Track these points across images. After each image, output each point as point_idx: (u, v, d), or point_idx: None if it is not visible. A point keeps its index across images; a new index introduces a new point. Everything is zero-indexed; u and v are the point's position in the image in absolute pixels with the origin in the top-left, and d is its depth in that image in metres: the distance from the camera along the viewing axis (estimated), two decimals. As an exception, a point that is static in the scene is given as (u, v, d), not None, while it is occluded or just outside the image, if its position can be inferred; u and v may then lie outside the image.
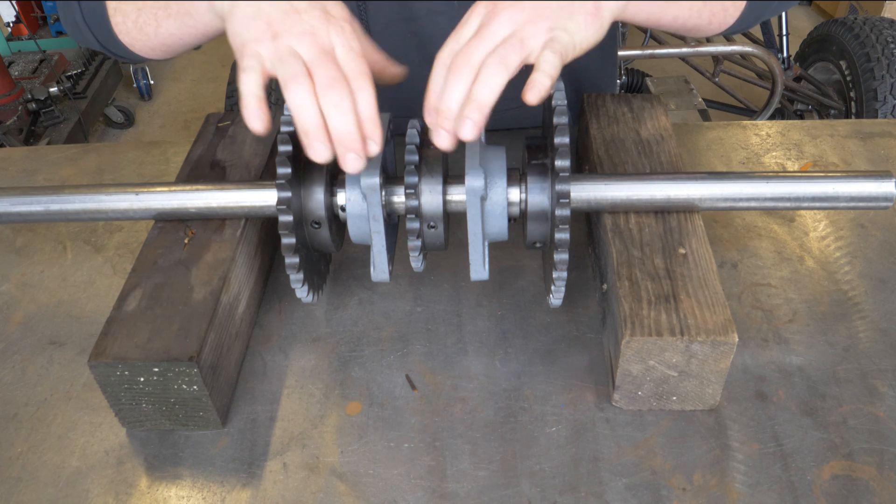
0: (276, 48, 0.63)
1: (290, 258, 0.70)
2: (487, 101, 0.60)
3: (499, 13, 0.62)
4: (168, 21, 0.76)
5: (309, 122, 0.61)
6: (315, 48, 0.62)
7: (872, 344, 0.77)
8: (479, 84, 0.60)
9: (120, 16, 0.79)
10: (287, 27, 0.63)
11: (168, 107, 3.62)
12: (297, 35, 0.63)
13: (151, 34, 0.78)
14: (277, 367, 0.78)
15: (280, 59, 0.63)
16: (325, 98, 0.61)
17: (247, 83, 0.63)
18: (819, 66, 2.68)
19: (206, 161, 0.90)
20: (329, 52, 0.63)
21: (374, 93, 0.63)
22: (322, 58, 0.62)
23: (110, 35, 0.81)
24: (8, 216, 0.79)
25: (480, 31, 0.62)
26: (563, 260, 0.68)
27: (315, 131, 0.61)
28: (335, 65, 0.62)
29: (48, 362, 0.80)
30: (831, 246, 0.89)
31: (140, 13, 0.77)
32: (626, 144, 0.87)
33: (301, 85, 0.61)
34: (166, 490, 0.68)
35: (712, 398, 0.71)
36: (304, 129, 0.62)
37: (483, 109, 0.61)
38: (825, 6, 3.95)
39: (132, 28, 0.79)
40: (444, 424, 0.72)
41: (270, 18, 0.64)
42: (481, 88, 0.60)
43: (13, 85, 3.01)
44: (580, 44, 0.64)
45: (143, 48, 0.81)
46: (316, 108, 0.61)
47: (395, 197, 0.72)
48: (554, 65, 0.61)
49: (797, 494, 0.65)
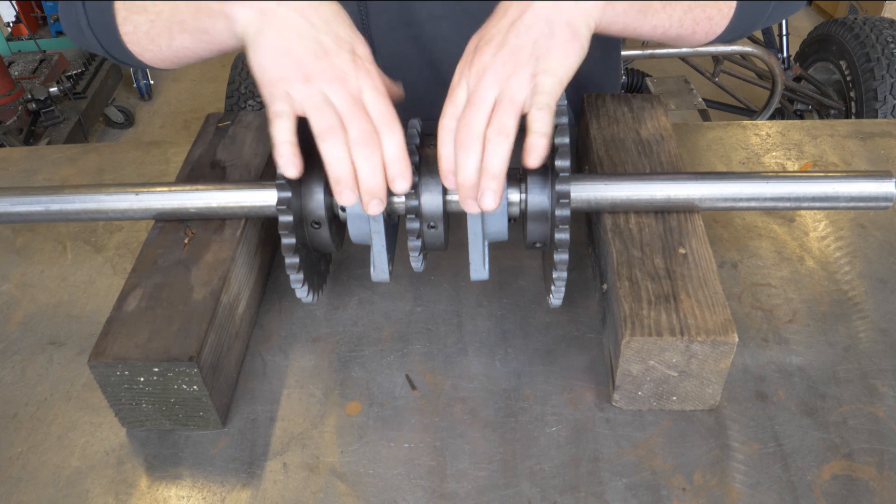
0: (308, 93, 0.64)
1: (290, 258, 0.70)
2: (500, 170, 0.63)
3: (483, 76, 0.64)
4: (183, 35, 0.74)
5: (342, 172, 0.64)
6: (347, 97, 0.64)
7: (872, 344, 0.77)
8: (489, 157, 0.63)
9: (131, 25, 0.77)
10: (319, 71, 0.64)
11: (168, 107, 3.62)
12: (329, 81, 0.64)
13: (164, 46, 0.77)
14: (277, 367, 0.78)
15: (314, 106, 0.64)
16: (358, 152, 0.64)
17: (280, 130, 0.64)
18: (819, 66, 2.68)
19: (206, 161, 0.90)
20: (359, 100, 0.65)
21: (402, 134, 0.65)
22: (354, 108, 0.64)
23: (117, 42, 0.79)
24: (8, 216, 0.79)
25: (472, 99, 0.64)
26: (563, 260, 0.68)
27: (347, 180, 0.64)
28: (366, 116, 0.65)
29: (48, 362, 0.80)
30: (831, 246, 0.89)
31: (153, 25, 0.76)
32: (626, 144, 0.87)
33: (337, 138, 0.64)
34: (166, 490, 0.68)
35: (712, 398, 0.71)
36: (335, 178, 0.64)
37: (498, 178, 0.63)
38: (825, 6, 3.95)
39: (143, 38, 0.77)
40: (444, 424, 0.72)
41: (300, 59, 0.64)
42: (492, 160, 0.63)
43: (13, 85, 3.01)
44: (564, 75, 0.65)
45: (152, 58, 0.79)
46: (349, 161, 0.64)
47: (395, 197, 0.72)
48: (545, 121, 0.63)
49: (797, 494, 0.65)
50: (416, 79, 1.04)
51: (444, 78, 1.06)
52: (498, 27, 0.66)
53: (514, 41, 0.64)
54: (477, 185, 0.64)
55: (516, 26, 0.65)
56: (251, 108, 2.35)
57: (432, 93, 1.07)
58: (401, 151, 0.65)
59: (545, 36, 0.64)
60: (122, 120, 3.42)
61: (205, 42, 0.74)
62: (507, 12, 0.66)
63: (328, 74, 0.64)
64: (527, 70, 0.64)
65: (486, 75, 0.64)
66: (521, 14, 0.65)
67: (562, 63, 0.65)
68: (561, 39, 0.65)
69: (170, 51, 0.77)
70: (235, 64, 2.44)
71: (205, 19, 0.71)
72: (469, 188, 0.64)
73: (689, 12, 0.73)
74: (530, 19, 0.65)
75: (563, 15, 0.65)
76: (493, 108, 0.64)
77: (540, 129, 0.63)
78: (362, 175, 0.64)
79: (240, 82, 2.38)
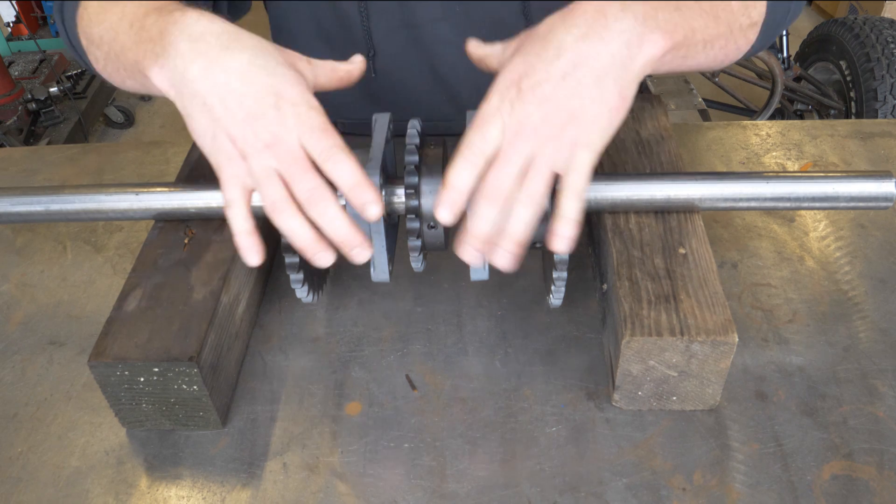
0: (248, 168, 0.61)
1: (289, 258, 0.70)
2: (523, 236, 0.60)
3: (522, 131, 0.59)
4: (131, 80, 0.72)
5: (304, 240, 0.61)
6: (284, 158, 0.60)
7: (872, 344, 0.77)
8: (515, 220, 0.60)
9: (91, 57, 0.76)
10: (249, 143, 0.60)
11: (168, 107, 3.62)
12: (260, 150, 0.60)
13: (119, 83, 0.75)
14: (277, 367, 0.78)
15: (256, 181, 0.61)
16: (312, 211, 0.60)
17: (235, 219, 0.62)
18: (819, 66, 2.68)
19: (206, 161, 0.89)
20: (298, 155, 0.60)
21: (354, 159, 0.60)
22: (294, 167, 0.60)
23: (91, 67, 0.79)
24: (8, 216, 0.79)
25: (508, 154, 0.59)
26: (563, 260, 0.68)
27: (312, 246, 0.61)
28: (310, 171, 0.60)
29: (48, 362, 0.80)
30: (831, 246, 0.89)
31: (107, 63, 0.73)
32: (626, 144, 0.87)
33: (285, 210, 0.60)
34: (166, 490, 0.68)
35: (712, 398, 0.71)
36: (301, 247, 0.61)
37: (521, 245, 0.60)
38: (825, 6, 3.95)
39: (103, 71, 0.76)
40: (444, 424, 0.72)
41: (230, 133, 0.60)
42: (518, 224, 0.60)
43: (13, 85, 3.01)
44: (602, 146, 0.61)
45: (120, 86, 0.77)
46: (307, 227, 0.61)
47: (395, 197, 0.72)
48: (576, 209, 0.59)
49: (797, 494, 0.65)
50: (416, 80, 1.04)
51: (444, 80, 1.06)
52: (548, 72, 0.59)
53: (564, 98, 0.59)
54: (489, 240, 0.60)
55: (569, 80, 0.59)
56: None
57: (432, 94, 1.07)
58: (358, 177, 0.60)
59: (596, 102, 0.59)
60: (122, 120, 3.42)
61: (148, 88, 0.69)
62: (561, 54, 0.59)
63: (258, 143, 0.60)
64: (569, 135, 0.59)
65: (525, 130, 0.59)
66: (577, 67, 0.59)
67: (604, 135, 0.61)
68: (609, 107, 0.60)
69: (125, 87, 0.75)
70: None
71: (140, 74, 0.67)
72: (478, 240, 0.60)
73: (723, 48, 0.70)
74: (586, 75, 0.59)
75: (619, 76, 0.59)
76: (526, 169, 0.60)
77: (569, 215, 0.59)
78: (326, 232, 0.61)
79: (240, 82, 2.37)
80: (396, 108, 0.81)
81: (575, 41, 0.59)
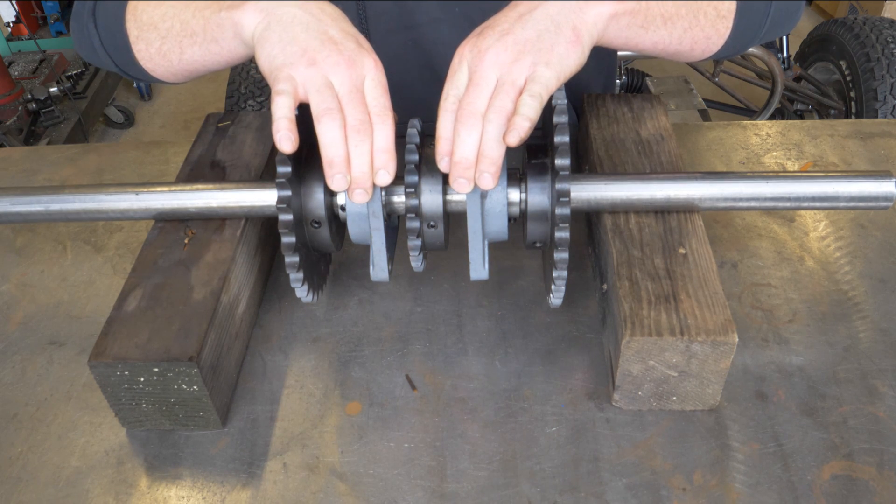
0: (311, 75, 0.66)
1: (290, 257, 0.70)
2: (498, 153, 0.65)
3: (484, 57, 0.66)
4: (193, 48, 0.77)
5: (335, 155, 0.65)
6: (349, 82, 0.66)
7: (872, 344, 0.77)
8: (487, 140, 0.64)
9: (143, 43, 0.80)
10: (324, 56, 0.66)
11: (168, 107, 3.62)
12: (333, 65, 0.66)
13: (175, 61, 0.79)
14: (277, 367, 0.78)
15: (316, 88, 0.65)
16: (352, 139, 0.65)
17: (280, 106, 0.65)
18: (819, 66, 2.68)
19: (206, 161, 0.90)
20: (360, 88, 0.67)
21: (394, 127, 0.67)
22: (354, 95, 0.66)
23: (131, 60, 0.82)
24: (8, 216, 0.79)
25: (474, 79, 0.66)
26: (564, 259, 0.68)
27: (339, 164, 0.65)
28: (364, 106, 0.66)
29: (48, 362, 0.80)
30: (831, 246, 0.89)
31: (164, 41, 0.78)
32: (626, 144, 0.87)
33: (335, 121, 0.65)
34: (166, 490, 0.68)
35: (712, 398, 0.71)
36: (329, 161, 0.65)
37: (496, 161, 0.65)
38: (825, 6, 3.95)
39: (155, 55, 0.80)
40: (444, 424, 0.72)
41: (306, 45, 0.67)
42: (490, 143, 0.64)
43: (13, 85, 3.01)
44: (562, 73, 0.67)
45: (164, 73, 0.82)
46: (344, 145, 0.65)
47: (395, 196, 0.72)
48: (533, 108, 0.64)
49: (797, 494, 0.65)
50: (415, 81, 1.04)
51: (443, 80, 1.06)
52: (506, 17, 0.68)
53: (520, 31, 0.66)
54: (474, 164, 0.65)
55: (524, 19, 0.67)
56: (251, 108, 2.35)
57: (431, 95, 1.07)
58: (390, 144, 0.66)
59: (550, 32, 0.67)
60: (122, 120, 3.42)
61: (213, 53, 0.76)
62: (517, 7, 0.68)
63: (332, 59, 0.66)
64: (528, 58, 0.65)
65: (487, 56, 0.66)
66: (531, 10, 0.67)
67: (562, 60, 0.66)
68: (565, 39, 0.67)
69: (181, 65, 0.80)
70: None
71: (214, 30, 0.73)
72: (464, 167, 0.65)
73: (688, 31, 0.76)
74: (539, 15, 0.67)
75: (570, 19, 0.67)
76: (493, 90, 0.65)
77: (526, 112, 0.64)
78: (353, 162, 0.65)
79: (240, 82, 2.38)
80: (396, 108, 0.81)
81: (529, 2, 0.68)
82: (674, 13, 0.74)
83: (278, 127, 0.65)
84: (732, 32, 0.78)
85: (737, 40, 0.79)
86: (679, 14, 0.74)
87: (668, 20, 0.74)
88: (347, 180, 0.66)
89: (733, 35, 0.78)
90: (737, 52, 0.82)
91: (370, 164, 0.66)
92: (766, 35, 0.82)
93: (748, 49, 0.85)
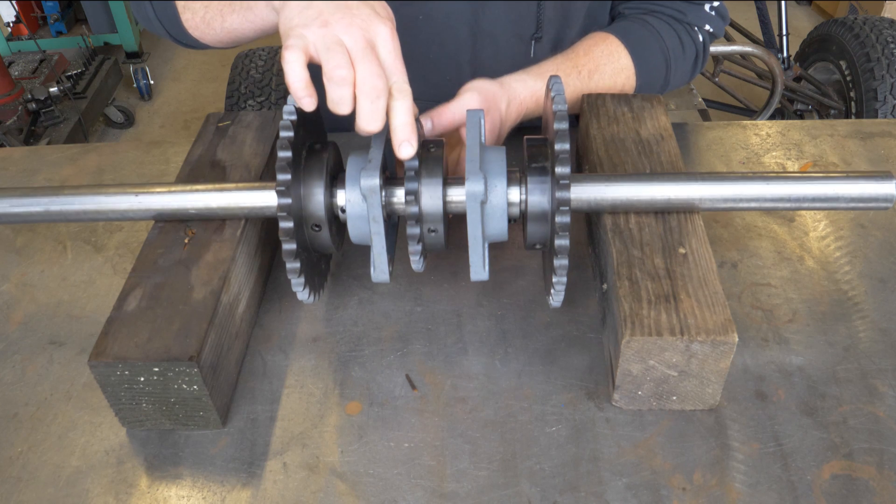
0: (323, 34, 0.67)
1: (290, 263, 0.70)
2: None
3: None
4: (232, 16, 0.86)
5: (345, 110, 0.67)
6: (361, 41, 0.67)
7: (872, 344, 0.77)
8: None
9: (189, 13, 0.92)
10: (338, 18, 0.68)
11: (168, 107, 3.62)
12: (346, 26, 0.67)
13: (217, 28, 0.90)
14: (277, 367, 0.78)
15: (326, 46, 0.67)
16: (362, 95, 0.66)
17: (292, 66, 0.66)
18: (819, 66, 2.68)
19: (206, 161, 0.90)
20: (374, 47, 0.68)
21: (411, 99, 0.68)
22: (367, 52, 0.67)
23: (181, 29, 0.94)
24: (8, 216, 0.79)
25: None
26: (563, 265, 0.68)
27: (347, 105, 0.66)
28: (378, 62, 0.67)
29: (48, 362, 0.80)
30: (831, 246, 0.89)
31: (207, 10, 0.89)
32: (626, 144, 0.87)
33: (346, 78, 0.66)
34: (166, 490, 0.68)
35: (712, 398, 0.71)
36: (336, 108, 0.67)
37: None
38: (825, 6, 3.95)
39: (200, 23, 0.91)
40: (444, 424, 0.72)
41: (322, 9, 0.69)
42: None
43: (13, 85, 3.01)
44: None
45: (210, 40, 0.94)
46: (352, 103, 0.67)
47: (395, 199, 0.72)
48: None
49: (797, 494, 0.65)
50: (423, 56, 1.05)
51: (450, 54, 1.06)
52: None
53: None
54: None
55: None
56: (251, 108, 2.35)
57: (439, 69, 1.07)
58: (410, 118, 0.67)
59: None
60: (122, 120, 3.42)
61: (249, 21, 0.84)
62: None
63: (345, 21, 0.67)
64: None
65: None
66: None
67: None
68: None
69: (223, 32, 0.90)
70: (235, 64, 2.44)
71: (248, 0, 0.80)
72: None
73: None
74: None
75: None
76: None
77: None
78: (362, 111, 0.66)
79: (240, 82, 2.38)
80: None
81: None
82: None
83: (295, 90, 0.67)
84: (638, 84, 0.97)
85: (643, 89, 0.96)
86: None
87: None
88: (351, 104, 0.66)
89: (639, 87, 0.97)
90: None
91: (382, 125, 0.67)
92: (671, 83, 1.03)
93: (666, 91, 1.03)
